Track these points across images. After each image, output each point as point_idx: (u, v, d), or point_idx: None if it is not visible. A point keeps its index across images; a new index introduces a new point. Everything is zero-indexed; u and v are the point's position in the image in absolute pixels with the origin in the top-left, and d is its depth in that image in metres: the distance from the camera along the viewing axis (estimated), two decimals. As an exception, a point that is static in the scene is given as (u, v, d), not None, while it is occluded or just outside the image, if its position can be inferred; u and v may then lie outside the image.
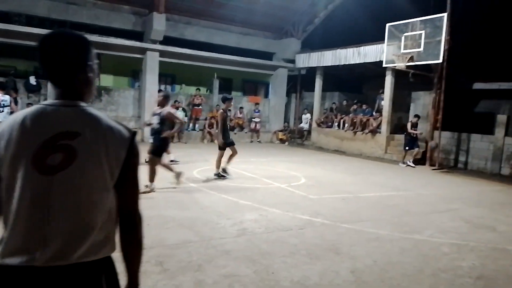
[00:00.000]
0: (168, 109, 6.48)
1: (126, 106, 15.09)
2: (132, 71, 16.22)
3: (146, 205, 5.44)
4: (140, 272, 1.41)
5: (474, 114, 14.26)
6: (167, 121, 6.47)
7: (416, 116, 12.22)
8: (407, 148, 11.95)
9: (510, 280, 3.67)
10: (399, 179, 9.44)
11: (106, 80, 15.65)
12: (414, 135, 11.88)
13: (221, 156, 7.75)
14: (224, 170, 7.85)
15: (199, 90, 16.04)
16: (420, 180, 9.57)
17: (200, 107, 15.77)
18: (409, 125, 12.05)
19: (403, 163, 11.92)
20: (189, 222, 4.82)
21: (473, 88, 14.12)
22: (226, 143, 7.74)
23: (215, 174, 7.80)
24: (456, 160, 12.35)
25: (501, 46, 13.81)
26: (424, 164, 12.17)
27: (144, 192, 5.81)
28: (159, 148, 6.32)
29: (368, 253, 4.12)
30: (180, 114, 14.56)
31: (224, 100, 7.85)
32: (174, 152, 11.97)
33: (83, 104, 1.26)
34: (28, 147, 1.16)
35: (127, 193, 1.31)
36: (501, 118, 11.45)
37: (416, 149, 11.92)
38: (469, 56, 13.51)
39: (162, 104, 6.37)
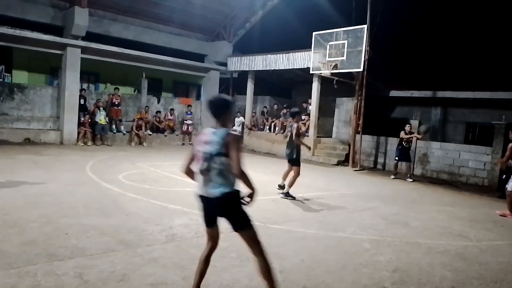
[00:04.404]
0: None
1: (43, 106, 13.81)
2: (50, 68, 14.94)
3: (64, 212, 5.05)
4: None
5: (390, 119, 15.54)
6: None
7: (408, 123, 11.50)
8: (396, 159, 11.26)
9: (421, 271, 4.03)
10: (325, 180, 9.90)
11: (19, 76, 14.21)
12: (407, 145, 11.12)
13: (298, 173, 7.13)
14: (288, 193, 7.18)
15: (118, 89, 15.12)
16: (343, 180, 10.15)
17: (120, 107, 14.90)
18: (402, 133, 11.14)
19: (395, 175, 11.12)
20: (112, 230, 4.54)
21: (389, 95, 15.38)
22: (299, 160, 7.27)
23: (284, 194, 7.17)
24: (375, 161, 13.35)
25: (413, 58, 15.28)
26: (347, 165, 12.94)
27: None
28: None
29: (295, 252, 4.24)
30: (102, 113, 13.81)
31: (295, 114, 7.41)
32: (98, 155, 11.27)
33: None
34: None
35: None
36: (414, 123, 12.62)
37: (405, 163, 11.16)
38: (386, 66, 14.72)
39: None
